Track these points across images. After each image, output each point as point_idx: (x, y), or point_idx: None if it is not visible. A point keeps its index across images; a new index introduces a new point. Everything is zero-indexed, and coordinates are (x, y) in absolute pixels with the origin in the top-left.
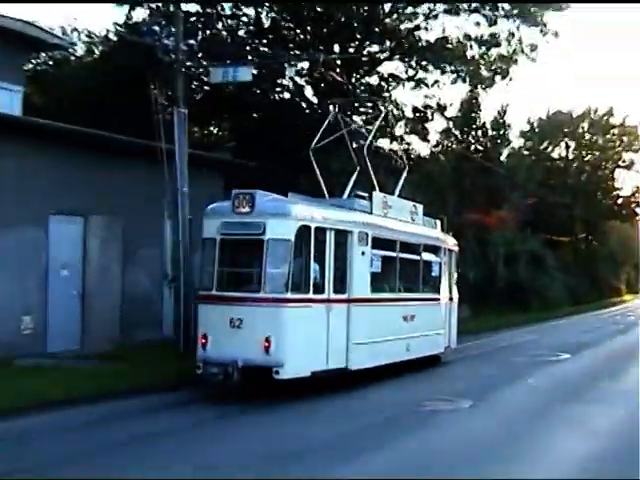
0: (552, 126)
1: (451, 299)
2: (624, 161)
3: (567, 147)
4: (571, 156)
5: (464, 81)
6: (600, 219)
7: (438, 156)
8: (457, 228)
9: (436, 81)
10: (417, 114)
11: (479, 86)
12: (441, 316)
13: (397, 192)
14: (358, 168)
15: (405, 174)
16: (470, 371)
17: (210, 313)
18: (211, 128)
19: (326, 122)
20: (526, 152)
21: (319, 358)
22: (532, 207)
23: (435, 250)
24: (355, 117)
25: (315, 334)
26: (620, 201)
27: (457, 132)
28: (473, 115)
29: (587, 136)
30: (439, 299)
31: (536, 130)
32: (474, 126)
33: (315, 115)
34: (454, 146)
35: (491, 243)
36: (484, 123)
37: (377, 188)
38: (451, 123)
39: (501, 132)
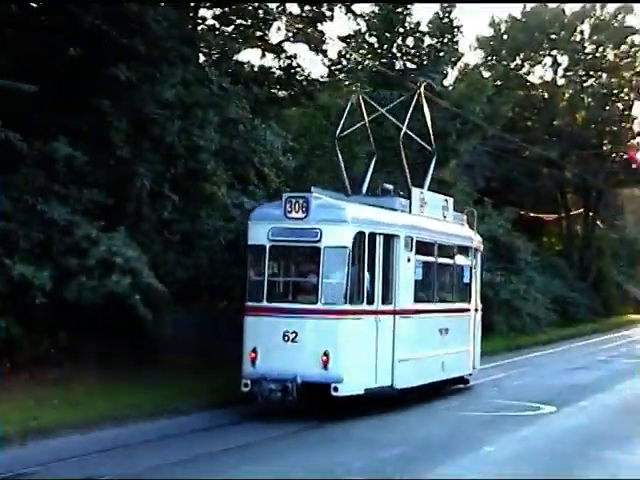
0: (530, 30)
1: (477, 310)
2: None
3: (555, 65)
4: (561, 81)
5: None
6: (608, 185)
7: (341, 79)
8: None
9: None
10: (306, 8)
11: None
12: (471, 330)
13: (427, 185)
14: (375, 156)
15: (434, 162)
16: (396, 429)
17: (260, 326)
18: None
19: (347, 107)
20: (487, 73)
21: (369, 375)
22: (494, 164)
23: (466, 251)
24: (204, 11)
25: (367, 348)
26: None
27: (373, 40)
28: (400, 11)
29: (589, 47)
30: (469, 310)
31: (504, 37)
32: (401, 30)
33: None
34: (368, 63)
35: None
36: (417, 25)
37: (410, 182)
38: (363, 24)
39: (445, 40)
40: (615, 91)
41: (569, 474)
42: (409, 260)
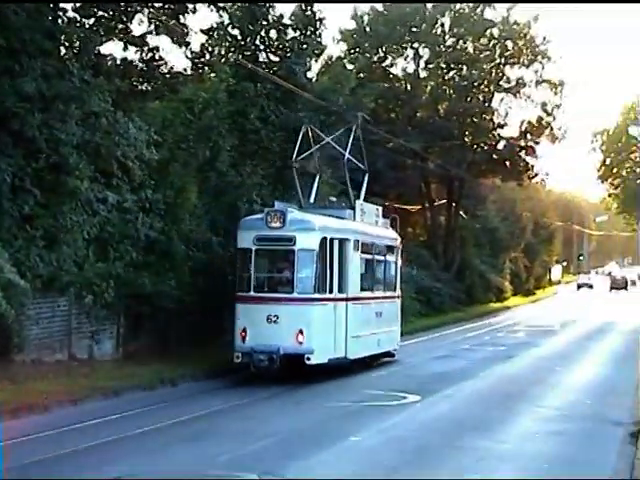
0: (392, 23)
1: (398, 297)
2: (508, 81)
3: (417, 58)
4: (423, 73)
5: None
6: (470, 176)
7: (205, 72)
8: (235, 194)
9: None
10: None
11: None
12: (397, 313)
13: (362, 196)
14: (319, 175)
15: (367, 179)
16: (264, 421)
17: (248, 311)
18: None
19: (300, 137)
20: (350, 65)
21: (331, 348)
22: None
23: (392, 250)
24: (64, 4)
25: (329, 327)
26: (502, 146)
27: (236, 32)
28: (262, 4)
29: (449, 40)
30: (395, 297)
31: (367, 30)
32: (264, 22)
33: None
34: (231, 55)
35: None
36: (280, 17)
37: (352, 197)
38: (226, 16)
39: (309, 33)
40: (476, 83)
41: (432, 463)
42: (356, 258)
